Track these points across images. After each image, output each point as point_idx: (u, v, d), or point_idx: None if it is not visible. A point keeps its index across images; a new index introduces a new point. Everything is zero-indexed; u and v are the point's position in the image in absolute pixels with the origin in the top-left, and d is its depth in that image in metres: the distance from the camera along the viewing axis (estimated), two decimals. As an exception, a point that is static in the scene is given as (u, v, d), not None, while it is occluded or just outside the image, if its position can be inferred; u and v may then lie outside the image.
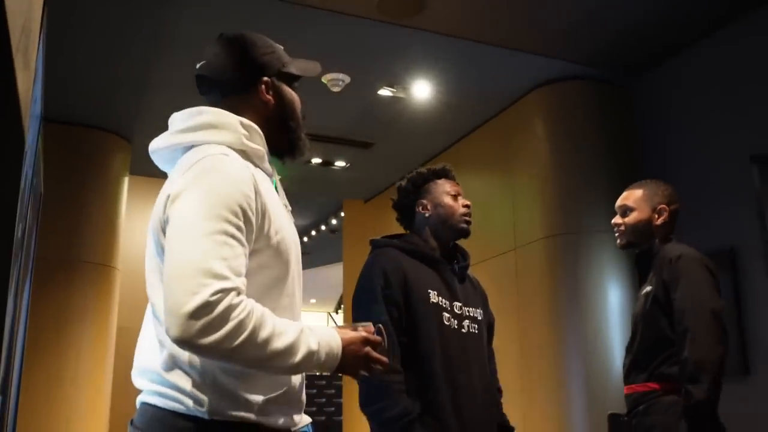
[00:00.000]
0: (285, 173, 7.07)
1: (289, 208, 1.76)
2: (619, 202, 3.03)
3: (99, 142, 6.35)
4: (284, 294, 1.58)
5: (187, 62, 5.76)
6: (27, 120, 1.86)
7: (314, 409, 14.29)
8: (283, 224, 1.59)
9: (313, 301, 18.29)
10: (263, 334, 1.38)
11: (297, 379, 1.58)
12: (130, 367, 1.71)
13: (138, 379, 1.59)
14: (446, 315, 2.48)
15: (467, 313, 2.55)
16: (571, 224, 5.31)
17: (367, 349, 1.56)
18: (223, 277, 1.36)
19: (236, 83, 1.70)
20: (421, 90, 5.77)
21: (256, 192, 1.50)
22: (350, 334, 1.56)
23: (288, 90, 1.76)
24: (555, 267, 5.34)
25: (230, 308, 1.34)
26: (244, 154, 1.59)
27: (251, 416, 1.46)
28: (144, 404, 1.54)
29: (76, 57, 5.26)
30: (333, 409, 13.91)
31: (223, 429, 1.44)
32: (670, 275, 2.75)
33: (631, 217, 2.95)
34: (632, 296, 5.15)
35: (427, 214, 2.65)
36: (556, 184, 5.46)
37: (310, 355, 1.45)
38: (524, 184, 5.78)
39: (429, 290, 2.48)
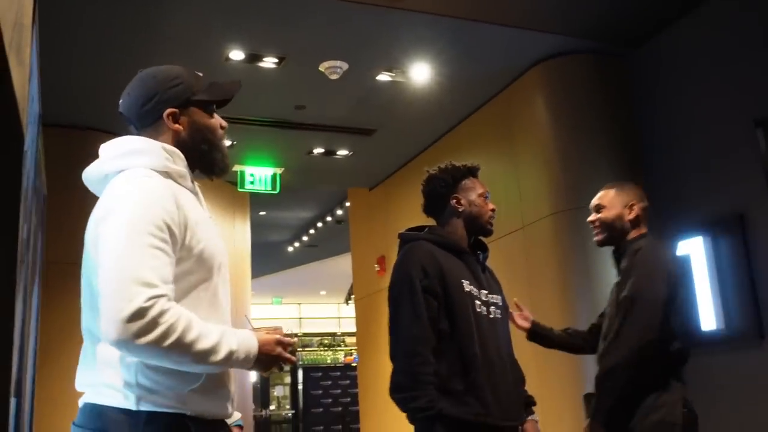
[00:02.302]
0: (287, 165, 7.02)
1: (213, 219, 1.94)
2: (593, 202, 3.25)
3: (99, 144, 6.32)
4: (208, 297, 1.76)
5: (185, 61, 5.75)
6: (25, 117, 1.84)
7: (330, 400, 14.32)
8: (207, 235, 1.77)
9: (323, 293, 18.30)
10: (191, 335, 1.57)
11: (215, 373, 1.73)
12: None
13: (78, 384, 1.82)
14: (477, 303, 2.64)
15: (492, 300, 2.73)
16: (577, 199, 5.28)
17: (279, 349, 1.76)
18: (154, 285, 1.55)
19: (146, 117, 1.88)
20: (421, 73, 5.74)
21: (178, 207, 1.69)
22: (265, 336, 1.76)
23: (199, 116, 1.91)
24: (563, 243, 5.32)
25: (162, 313, 1.53)
26: (167, 174, 1.77)
27: (176, 405, 1.64)
28: (85, 404, 1.75)
29: (71, 59, 5.25)
30: (349, 399, 13.93)
31: (151, 419, 1.62)
32: (627, 267, 2.99)
33: (605, 214, 3.17)
34: (643, 268, 5.12)
35: (460, 209, 2.78)
36: (561, 159, 5.43)
37: (231, 354, 1.64)
38: (528, 161, 5.75)
39: (462, 280, 2.62)
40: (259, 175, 7.82)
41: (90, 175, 1.90)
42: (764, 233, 4.37)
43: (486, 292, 2.72)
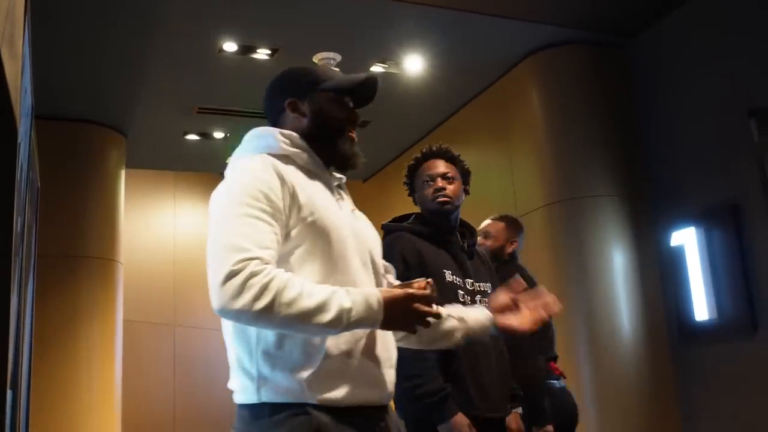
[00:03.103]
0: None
1: (355, 210, 1.93)
2: (483, 228, 3.63)
3: (93, 137, 6.33)
4: (328, 270, 1.67)
5: (178, 53, 5.78)
6: (18, 109, 1.84)
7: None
8: (325, 212, 1.72)
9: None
10: (289, 294, 1.52)
11: (346, 354, 1.64)
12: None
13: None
14: (461, 293, 2.61)
15: (478, 289, 2.68)
16: (571, 190, 5.29)
17: (415, 304, 1.61)
18: (244, 249, 1.54)
19: (271, 109, 1.95)
20: (414, 64, 5.73)
21: (282, 179, 1.67)
22: (394, 291, 1.63)
23: (324, 105, 1.88)
24: (557, 234, 5.33)
25: (252, 274, 1.51)
26: (287, 158, 1.77)
27: (297, 394, 1.58)
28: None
29: (65, 52, 5.22)
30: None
31: (274, 411, 1.58)
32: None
33: (491, 242, 3.60)
34: (636, 259, 5.14)
35: (418, 203, 2.82)
36: (555, 150, 5.44)
37: (343, 312, 1.54)
38: (522, 152, 5.76)
39: (444, 270, 2.61)
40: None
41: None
42: (757, 224, 4.39)
43: (472, 280, 2.69)
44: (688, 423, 4.86)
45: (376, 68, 5.74)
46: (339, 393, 1.61)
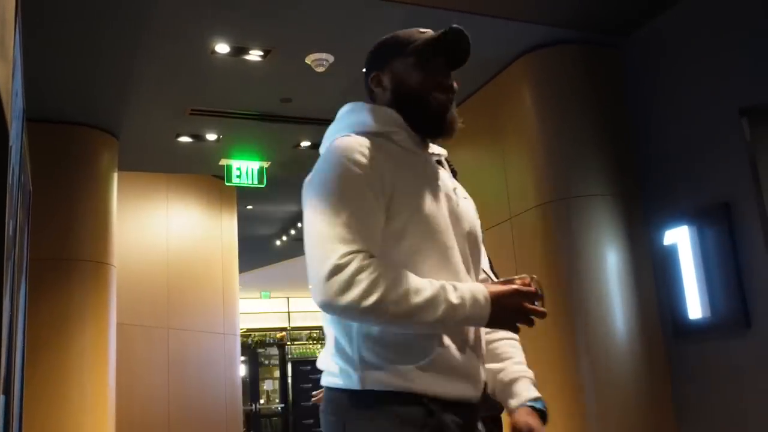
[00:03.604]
0: (274, 158, 7.02)
1: (457, 188, 1.82)
2: None
3: (86, 139, 6.31)
4: (432, 261, 1.61)
5: (170, 54, 5.76)
6: (9, 112, 1.83)
7: (320, 393, 14.31)
8: (422, 200, 1.63)
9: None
10: (398, 290, 1.46)
11: (451, 347, 1.59)
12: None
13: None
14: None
15: None
16: (564, 190, 5.30)
17: (521, 300, 1.57)
18: (350, 241, 1.48)
19: (366, 84, 1.86)
20: (406, 65, 5.73)
21: (380, 165, 1.59)
22: (501, 287, 1.58)
23: (405, 73, 1.78)
24: (551, 233, 5.34)
25: (360, 269, 1.46)
26: (383, 137, 1.68)
27: (404, 383, 1.52)
28: (324, 388, 1.67)
29: (56, 54, 5.20)
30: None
31: (379, 399, 1.52)
32: None
33: None
34: (629, 258, 5.15)
35: None
36: (548, 150, 5.44)
37: (452, 308, 1.49)
38: (515, 152, 5.76)
39: None
40: (245, 169, 7.81)
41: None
42: (750, 222, 4.40)
43: None
44: (682, 420, 4.87)
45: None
46: (446, 386, 1.56)
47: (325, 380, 1.63)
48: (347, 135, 1.67)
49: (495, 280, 1.64)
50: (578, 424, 4.99)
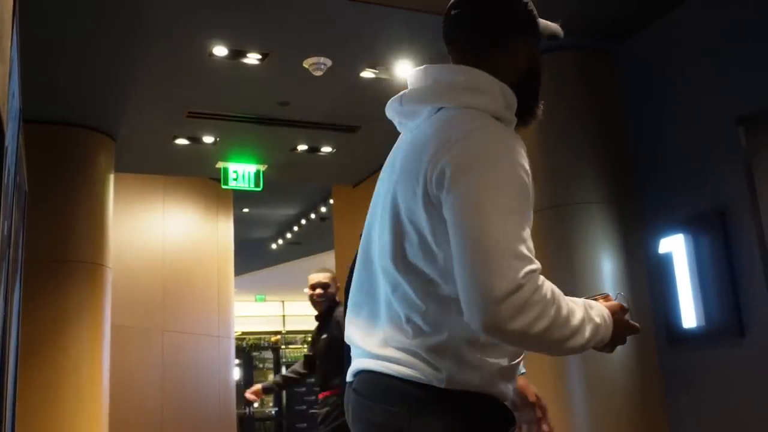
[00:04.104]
0: (271, 162, 6.99)
1: None
2: (317, 280, 4.60)
3: (82, 140, 6.31)
4: None
5: (168, 57, 5.75)
6: (5, 113, 1.82)
7: (313, 398, 14.30)
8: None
9: (306, 290, 18.24)
10: (563, 312, 1.35)
11: (523, 351, 1.55)
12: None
13: (365, 343, 1.52)
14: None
15: None
16: (560, 197, 5.30)
17: (626, 317, 1.52)
18: (529, 259, 1.33)
19: (499, 38, 1.57)
20: (405, 69, 5.74)
21: (528, 164, 1.45)
22: (609, 304, 1.51)
23: (536, 53, 1.64)
24: (546, 240, 5.33)
25: (537, 290, 1.32)
26: (502, 123, 1.50)
27: (485, 386, 1.44)
28: (367, 372, 1.49)
29: (54, 55, 5.21)
30: (333, 396, 13.91)
31: (458, 399, 1.41)
32: (325, 325, 4.62)
33: (329, 291, 4.54)
34: (624, 266, 5.16)
35: None
36: (543, 157, 5.44)
37: (596, 329, 1.42)
38: (512, 159, 5.76)
39: None
40: (242, 172, 7.80)
41: (409, 99, 1.60)
42: (745, 231, 4.40)
43: None
44: (675, 428, 4.87)
45: (367, 73, 5.74)
46: (510, 389, 1.51)
47: (394, 369, 1.44)
48: (491, 120, 1.46)
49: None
50: (571, 431, 4.99)
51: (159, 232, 8.45)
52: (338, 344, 3.51)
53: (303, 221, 11.09)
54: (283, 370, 14.56)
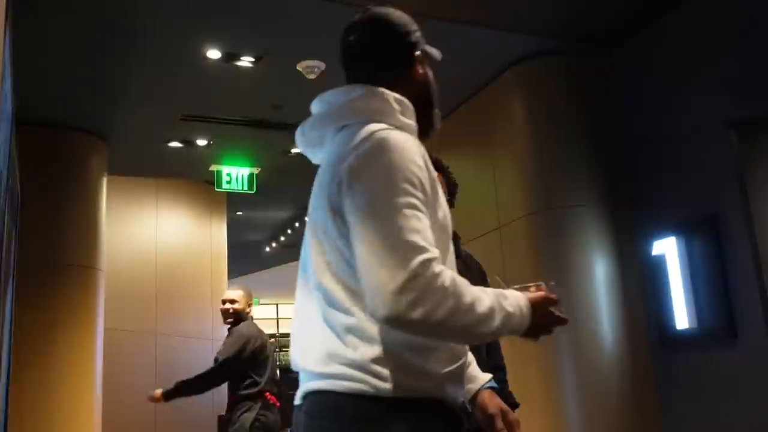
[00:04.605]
0: (264, 165, 7.00)
1: None
2: (228, 296, 4.79)
3: (75, 143, 6.29)
4: (445, 263, 1.52)
5: (161, 60, 5.74)
6: (-2, 116, 1.82)
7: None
8: (446, 205, 1.57)
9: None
10: (466, 300, 1.37)
11: (467, 353, 1.57)
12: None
13: (308, 364, 1.52)
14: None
15: None
16: (553, 199, 5.32)
17: (551, 308, 1.53)
18: (422, 249, 1.35)
19: (390, 59, 1.65)
20: (397, 73, 5.74)
21: (426, 164, 1.48)
22: (533, 294, 1.52)
23: (428, 68, 1.71)
24: (539, 243, 5.35)
25: (435, 278, 1.34)
26: (399, 130, 1.53)
27: (434, 390, 1.44)
28: (315, 393, 1.48)
29: (48, 58, 5.19)
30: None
31: (408, 406, 1.41)
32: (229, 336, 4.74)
33: (237, 306, 4.71)
34: (617, 268, 5.17)
35: None
36: (537, 160, 5.46)
37: (508, 317, 1.43)
38: (505, 162, 5.78)
39: None
40: (235, 175, 7.80)
41: (309, 129, 1.65)
42: (737, 234, 4.42)
43: None
44: (668, 429, 4.88)
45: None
46: (459, 393, 1.53)
47: (331, 384, 1.44)
48: (386, 127, 1.50)
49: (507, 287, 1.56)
50: (565, 433, 4.99)
51: (152, 235, 8.42)
52: (231, 358, 4.47)
53: (296, 224, 11.07)
54: (277, 374, 14.58)
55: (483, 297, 1.41)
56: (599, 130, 5.42)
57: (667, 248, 4.81)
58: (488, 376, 1.76)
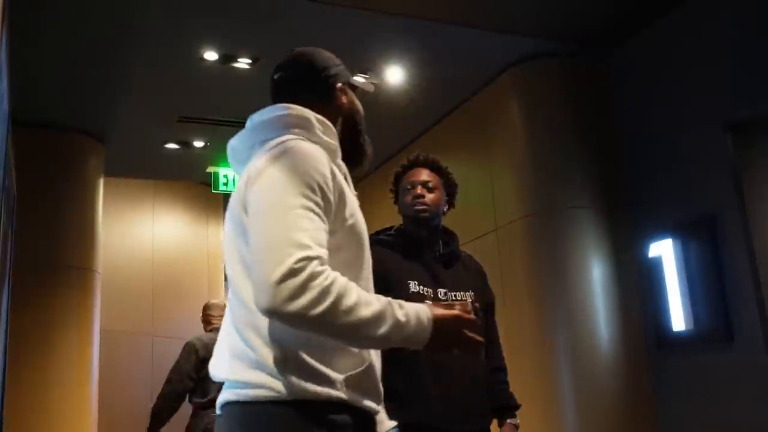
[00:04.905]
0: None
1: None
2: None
3: (72, 144, 6.28)
4: (360, 278, 1.59)
5: (159, 61, 5.74)
6: (-6, 116, 1.82)
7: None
8: (357, 211, 1.64)
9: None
10: (348, 301, 1.40)
11: (377, 364, 1.59)
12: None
13: (220, 373, 1.56)
14: (428, 302, 2.52)
15: (454, 298, 2.59)
16: (550, 202, 5.32)
17: (461, 326, 1.53)
18: (306, 246, 1.40)
19: (314, 89, 1.79)
20: (395, 75, 5.75)
21: (333, 173, 1.55)
22: (443, 311, 1.54)
23: (354, 98, 1.86)
24: (536, 245, 5.35)
25: (313, 275, 1.38)
26: (328, 149, 1.65)
27: (335, 393, 1.46)
28: (229, 403, 1.51)
29: (44, 58, 5.19)
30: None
31: (307, 409, 1.43)
32: None
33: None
34: (614, 270, 5.17)
35: (400, 211, 2.79)
36: (534, 162, 5.46)
37: (399, 326, 1.44)
38: (502, 164, 5.78)
39: (409, 281, 2.55)
40: (232, 177, 7.79)
41: (235, 145, 1.77)
42: (733, 236, 4.43)
43: (445, 290, 2.61)
44: (665, 431, 4.89)
45: (357, 78, 5.73)
46: (369, 403, 1.54)
47: (242, 393, 1.48)
48: (303, 139, 1.61)
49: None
50: (562, 435, 4.99)
51: (149, 237, 8.42)
52: (171, 372, 4.59)
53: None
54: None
55: (372, 302, 1.43)
56: (596, 132, 5.43)
57: (664, 250, 4.81)
58: (393, 423, 1.80)
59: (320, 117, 1.68)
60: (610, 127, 5.46)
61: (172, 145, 7.06)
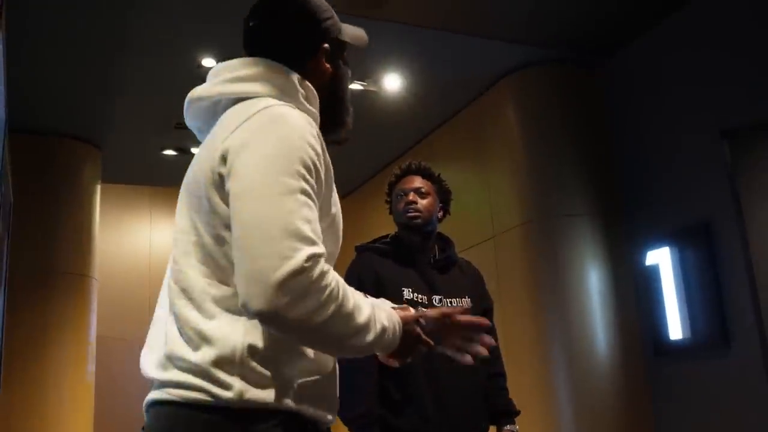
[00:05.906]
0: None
1: None
2: None
3: (69, 151, 6.28)
4: (331, 263, 1.42)
5: (156, 67, 5.74)
6: (-10, 122, 1.82)
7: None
8: (337, 200, 1.45)
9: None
10: (348, 307, 1.24)
11: (332, 372, 1.40)
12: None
13: (150, 369, 1.37)
14: (423, 310, 2.53)
15: (449, 304, 2.59)
16: (547, 209, 5.32)
17: (419, 329, 1.42)
18: (312, 242, 1.21)
19: (294, 47, 1.50)
20: (392, 83, 5.76)
21: (322, 148, 1.35)
22: (406, 313, 1.42)
23: (340, 61, 1.58)
24: (534, 253, 5.35)
25: (322, 276, 1.20)
26: (315, 121, 1.42)
27: (285, 401, 1.27)
28: (155, 404, 1.33)
29: (41, 64, 5.19)
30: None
31: (254, 418, 1.25)
32: None
33: None
34: (611, 278, 5.17)
35: (393, 218, 2.78)
36: (531, 170, 5.47)
37: (383, 332, 1.31)
38: (499, 171, 5.79)
39: (403, 288, 2.55)
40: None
41: (199, 97, 1.49)
42: (730, 243, 4.43)
43: (440, 296, 2.60)
44: (662, 441, 4.88)
45: (354, 86, 5.75)
46: (323, 414, 1.36)
47: (175, 393, 1.28)
48: (288, 106, 1.37)
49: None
50: (559, 443, 4.98)
51: (146, 243, 8.40)
52: None
53: (291, 233, 11.05)
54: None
55: (363, 307, 1.29)
56: (593, 139, 5.44)
57: (661, 258, 4.81)
58: None
59: (301, 78, 1.45)
60: (607, 135, 5.47)
61: (169, 152, 7.05)
